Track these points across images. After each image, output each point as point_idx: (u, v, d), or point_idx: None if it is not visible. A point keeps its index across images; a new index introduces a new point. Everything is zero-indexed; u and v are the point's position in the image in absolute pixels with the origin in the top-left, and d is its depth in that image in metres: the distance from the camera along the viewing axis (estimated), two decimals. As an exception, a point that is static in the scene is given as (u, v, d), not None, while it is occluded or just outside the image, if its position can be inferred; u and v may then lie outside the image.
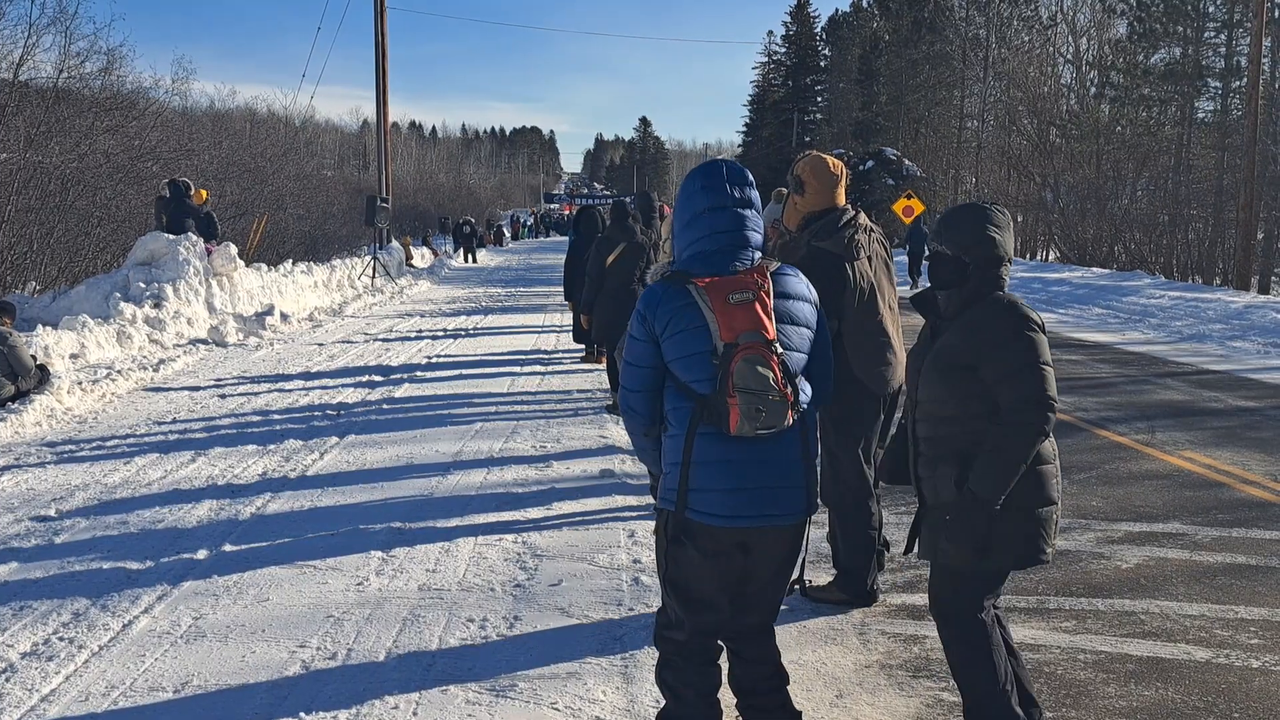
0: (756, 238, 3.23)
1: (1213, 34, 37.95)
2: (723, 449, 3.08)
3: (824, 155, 4.89)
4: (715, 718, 3.37)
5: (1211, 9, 37.24)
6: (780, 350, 3.06)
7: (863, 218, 4.76)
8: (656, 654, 3.39)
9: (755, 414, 3.00)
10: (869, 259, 4.74)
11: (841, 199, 4.81)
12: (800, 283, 3.25)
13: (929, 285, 3.52)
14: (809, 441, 3.17)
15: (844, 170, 4.87)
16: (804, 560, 3.41)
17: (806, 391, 3.17)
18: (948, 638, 3.45)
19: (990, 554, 3.28)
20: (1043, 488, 3.31)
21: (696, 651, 3.30)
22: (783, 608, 3.60)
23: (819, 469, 3.89)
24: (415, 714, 3.80)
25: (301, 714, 3.78)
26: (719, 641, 3.38)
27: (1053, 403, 3.22)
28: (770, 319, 3.08)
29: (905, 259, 27.23)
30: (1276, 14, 32.42)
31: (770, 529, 3.13)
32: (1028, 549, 3.31)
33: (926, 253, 27.15)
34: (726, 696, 3.42)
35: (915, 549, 3.53)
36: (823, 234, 4.67)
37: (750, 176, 3.30)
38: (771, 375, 3.00)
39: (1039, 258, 39.03)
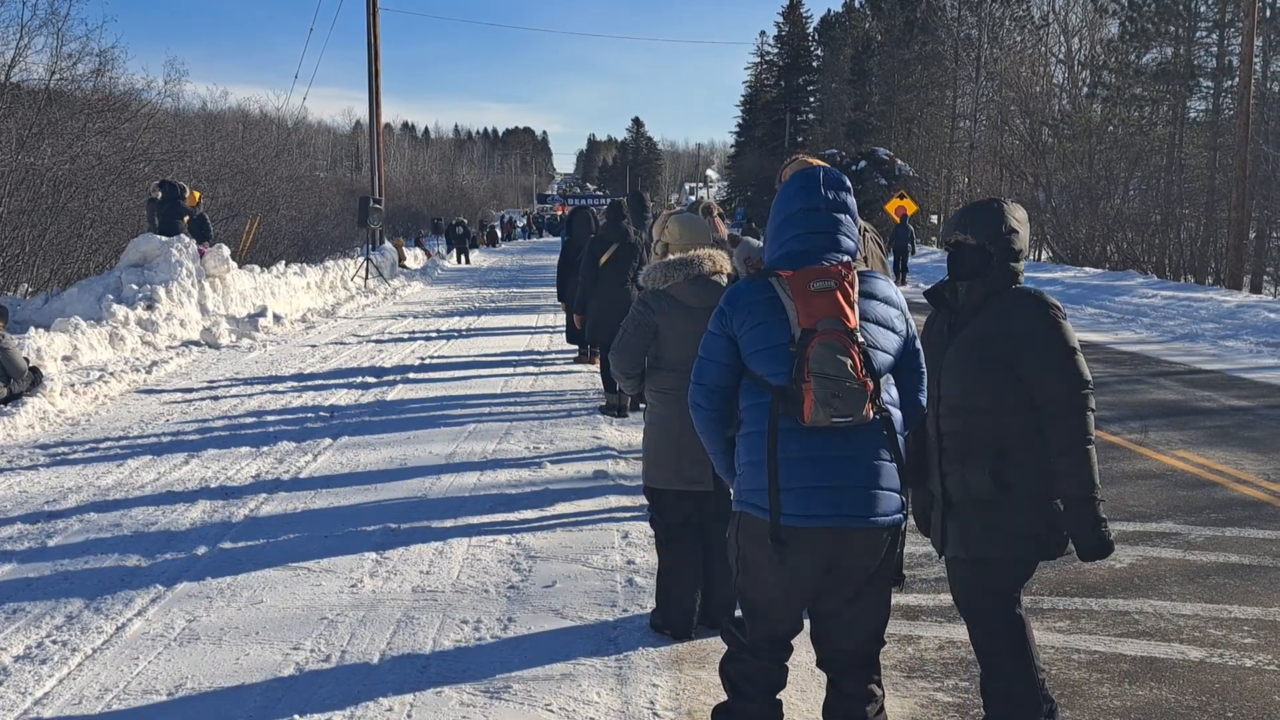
0: (849, 243, 3.18)
1: (1204, 34, 38.03)
2: (803, 445, 2.99)
3: (809, 159, 4.89)
4: (776, 717, 3.34)
5: (1203, 9, 37.33)
6: (862, 339, 3.01)
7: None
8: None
9: (830, 400, 2.91)
10: (864, 259, 4.74)
11: None
12: (889, 288, 3.21)
13: (946, 277, 3.50)
14: (896, 445, 3.07)
15: None
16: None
17: (892, 394, 3.12)
18: (982, 638, 3.40)
19: (1042, 545, 3.29)
20: None
21: (764, 652, 3.25)
22: None
23: None
24: (409, 716, 3.80)
25: (296, 716, 3.78)
26: (790, 647, 3.30)
27: (1091, 384, 3.27)
28: (853, 309, 3.03)
29: (892, 257, 27.30)
30: (1268, 13, 32.53)
31: (854, 531, 3.00)
32: (1054, 540, 3.32)
33: (910, 250, 26.87)
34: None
35: (944, 548, 3.46)
36: None
37: (848, 183, 3.27)
38: (850, 362, 2.93)
39: (1032, 257, 39.02)
